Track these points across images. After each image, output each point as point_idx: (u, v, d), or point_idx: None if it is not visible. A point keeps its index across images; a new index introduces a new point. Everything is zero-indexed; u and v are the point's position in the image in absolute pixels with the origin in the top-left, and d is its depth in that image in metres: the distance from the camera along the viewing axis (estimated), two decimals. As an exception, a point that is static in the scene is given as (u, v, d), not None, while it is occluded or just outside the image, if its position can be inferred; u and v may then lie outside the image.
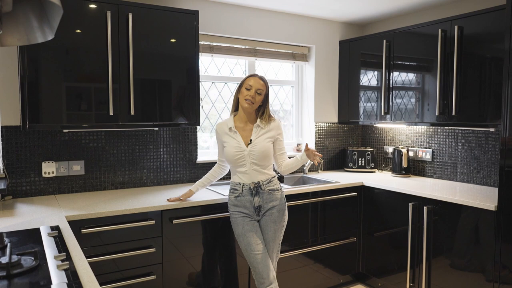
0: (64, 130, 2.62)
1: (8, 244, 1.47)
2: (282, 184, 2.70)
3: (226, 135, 2.41)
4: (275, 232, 2.40)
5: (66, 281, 1.22)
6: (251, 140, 2.38)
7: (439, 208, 2.70)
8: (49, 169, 2.60)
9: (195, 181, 3.13)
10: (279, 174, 2.61)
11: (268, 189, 2.38)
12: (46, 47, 2.24)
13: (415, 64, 3.17)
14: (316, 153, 2.42)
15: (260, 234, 2.37)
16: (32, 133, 2.57)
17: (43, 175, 2.59)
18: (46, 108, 2.31)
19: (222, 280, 2.68)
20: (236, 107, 2.46)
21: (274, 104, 3.74)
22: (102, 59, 2.42)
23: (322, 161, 2.39)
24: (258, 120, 2.42)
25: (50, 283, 1.21)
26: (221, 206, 2.58)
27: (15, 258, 1.36)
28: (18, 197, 2.55)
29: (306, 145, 2.47)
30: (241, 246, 2.37)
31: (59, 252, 1.48)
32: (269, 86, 2.51)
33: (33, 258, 1.38)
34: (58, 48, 2.31)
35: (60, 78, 2.35)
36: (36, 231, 1.77)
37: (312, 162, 2.55)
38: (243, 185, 2.37)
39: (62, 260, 1.38)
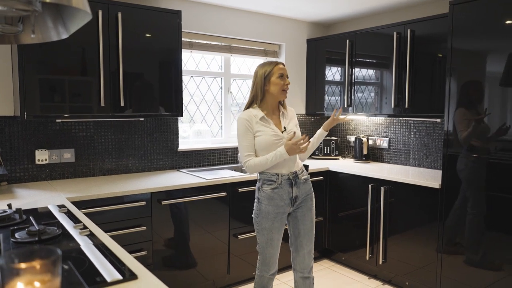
0: (57, 120, 2.80)
1: (30, 217, 1.69)
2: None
3: (258, 124, 2.26)
4: (312, 220, 2.38)
5: (92, 243, 1.47)
6: (285, 128, 2.32)
7: (394, 187, 3.10)
8: (42, 156, 2.77)
9: (177, 168, 3.39)
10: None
11: (304, 178, 2.33)
12: (39, 44, 2.40)
13: (375, 61, 3.56)
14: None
15: (282, 230, 2.35)
16: (25, 123, 2.73)
17: (36, 162, 2.77)
18: (41, 99, 2.49)
19: (202, 257, 2.96)
20: (261, 99, 2.32)
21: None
22: (94, 54, 2.62)
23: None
24: (282, 108, 2.39)
25: (79, 244, 1.45)
26: (204, 189, 2.87)
27: (41, 227, 1.58)
28: (12, 183, 2.71)
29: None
30: (261, 237, 2.32)
31: (75, 223, 1.72)
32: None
33: (56, 228, 1.61)
34: (52, 45, 2.48)
35: (54, 72, 2.53)
36: (46, 209, 1.98)
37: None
38: (281, 175, 2.26)
39: (81, 229, 1.62)
